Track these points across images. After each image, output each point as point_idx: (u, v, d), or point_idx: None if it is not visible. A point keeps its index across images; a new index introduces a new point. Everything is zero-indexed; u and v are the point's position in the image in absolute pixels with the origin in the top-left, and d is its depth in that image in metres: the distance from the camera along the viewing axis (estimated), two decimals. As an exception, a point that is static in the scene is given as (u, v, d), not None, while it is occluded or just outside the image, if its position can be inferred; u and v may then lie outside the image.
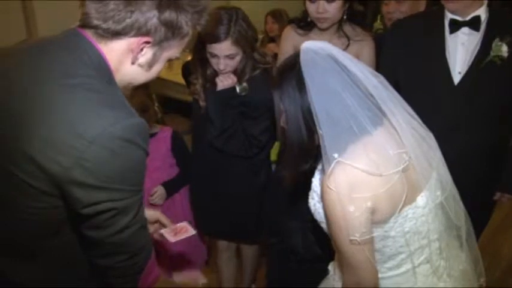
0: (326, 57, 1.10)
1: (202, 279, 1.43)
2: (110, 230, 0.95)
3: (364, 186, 1.04)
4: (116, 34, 0.94)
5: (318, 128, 1.07)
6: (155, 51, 0.99)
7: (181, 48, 1.05)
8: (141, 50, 0.97)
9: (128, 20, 0.92)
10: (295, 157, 1.16)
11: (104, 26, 0.93)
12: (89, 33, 0.96)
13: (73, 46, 0.95)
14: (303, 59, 1.10)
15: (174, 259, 2.25)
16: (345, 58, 1.11)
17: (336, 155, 1.04)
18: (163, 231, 1.43)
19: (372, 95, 1.08)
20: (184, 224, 1.51)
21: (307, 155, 1.15)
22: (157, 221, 1.43)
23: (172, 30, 0.96)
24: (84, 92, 0.90)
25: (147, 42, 0.96)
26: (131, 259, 1.02)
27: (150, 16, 0.93)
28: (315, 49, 1.10)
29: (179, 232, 1.47)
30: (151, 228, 1.40)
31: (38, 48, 0.99)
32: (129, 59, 0.98)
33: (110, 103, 0.92)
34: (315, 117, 1.07)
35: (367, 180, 1.04)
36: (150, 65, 1.02)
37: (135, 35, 0.94)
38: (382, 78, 1.12)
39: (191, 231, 1.49)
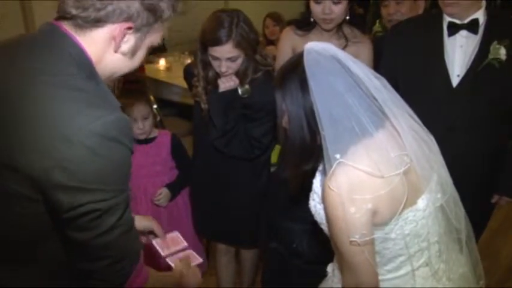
0: (329, 58, 1.10)
1: (197, 259, 1.40)
2: (95, 232, 0.91)
3: (365, 188, 1.04)
4: (97, 21, 0.91)
5: (320, 128, 1.07)
6: (138, 38, 0.96)
7: (162, 33, 1.01)
8: (124, 36, 0.94)
9: (110, 7, 0.89)
10: (297, 158, 1.16)
11: (83, 14, 0.90)
12: (67, 26, 0.93)
13: (51, 43, 0.92)
14: (307, 59, 1.09)
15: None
16: (348, 59, 1.11)
17: (337, 156, 1.04)
18: (155, 242, 1.41)
19: (374, 97, 1.08)
20: (176, 235, 1.50)
21: (309, 155, 1.14)
22: (151, 232, 1.41)
23: (154, 14, 0.94)
24: (65, 91, 0.88)
25: (129, 28, 0.93)
26: (116, 264, 0.98)
27: (133, 0, 0.90)
28: (318, 50, 1.10)
29: (171, 245, 1.45)
30: (144, 239, 1.39)
31: (16, 47, 0.95)
32: (111, 48, 0.95)
33: (91, 100, 0.88)
34: (317, 118, 1.07)
35: (368, 181, 1.04)
36: (133, 52, 0.98)
37: (117, 21, 0.91)
38: (384, 80, 1.12)
39: (183, 243, 1.48)
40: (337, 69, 1.09)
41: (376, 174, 1.04)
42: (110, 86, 1.00)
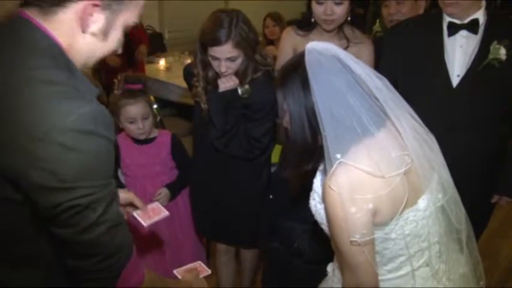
0: (331, 57, 1.09)
1: (205, 271, 1.39)
2: (77, 228, 0.88)
3: (366, 188, 1.04)
4: (60, 1, 0.87)
5: (321, 128, 1.07)
6: (107, 16, 0.91)
7: (137, 11, 0.97)
8: (91, 15, 0.89)
9: None
10: (298, 158, 1.16)
11: None
12: (31, 13, 0.89)
13: (18, 34, 0.88)
14: (308, 59, 1.09)
15: (172, 261, 2.24)
16: (349, 59, 1.11)
17: (338, 156, 1.04)
18: (135, 214, 1.37)
19: (375, 97, 1.08)
20: (156, 205, 1.45)
21: (310, 155, 1.14)
22: (130, 204, 1.36)
23: None
24: (36, 85, 0.83)
25: (96, 6, 0.89)
26: (105, 261, 0.94)
27: None
28: (319, 50, 1.10)
29: (152, 215, 1.41)
30: (123, 211, 1.32)
31: None
32: (80, 30, 0.90)
33: (63, 94, 0.84)
34: (318, 118, 1.06)
35: (369, 181, 1.04)
36: (104, 32, 0.93)
37: None
38: (386, 80, 1.12)
39: (164, 213, 1.44)
40: (338, 68, 1.08)
41: (377, 174, 1.04)
42: (86, 73, 0.95)
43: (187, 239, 2.26)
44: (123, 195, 1.34)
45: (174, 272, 1.36)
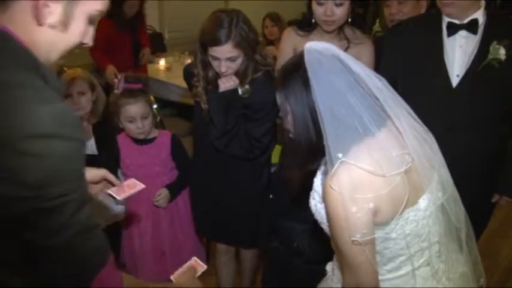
0: (331, 57, 1.09)
1: (201, 267, 1.35)
2: (45, 231, 0.83)
3: (367, 187, 1.04)
4: None
5: (322, 128, 1.06)
6: (65, 6, 0.87)
7: (99, 0, 0.92)
8: (47, 6, 0.85)
9: None
10: (303, 158, 1.15)
11: None
12: None
13: None
14: (308, 59, 1.09)
15: (172, 261, 2.24)
16: (349, 59, 1.11)
17: (340, 155, 1.04)
18: (110, 191, 1.34)
19: (375, 97, 1.08)
20: (132, 181, 1.43)
21: (315, 155, 1.13)
22: (103, 180, 1.31)
23: None
24: None
25: None
26: (75, 266, 0.89)
27: None
28: (319, 49, 1.10)
29: (127, 189, 1.38)
30: (96, 188, 1.29)
31: None
32: (36, 23, 0.86)
33: (24, 97, 0.79)
34: (319, 117, 1.06)
35: (370, 181, 1.04)
36: (64, 23, 0.88)
37: None
38: (385, 81, 1.12)
39: (139, 186, 1.40)
40: (338, 68, 1.08)
41: (378, 173, 1.04)
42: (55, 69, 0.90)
43: (187, 239, 2.26)
44: (94, 171, 1.29)
45: (171, 277, 1.34)
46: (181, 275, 1.30)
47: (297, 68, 1.12)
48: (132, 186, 1.40)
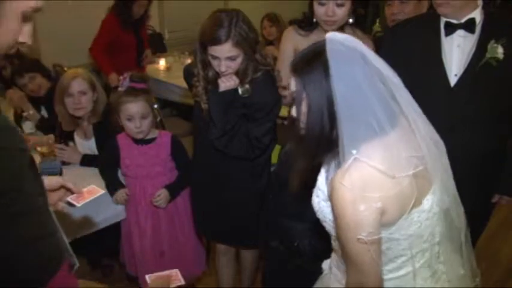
0: (352, 48, 1.07)
1: (179, 281, 1.33)
2: None
3: (377, 186, 1.03)
4: None
5: (337, 120, 1.04)
6: None
7: None
8: None
9: None
10: (314, 148, 1.12)
11: None
12: None
13: None
14: (330, 48, 1.06)
15: (172, 261, 2.24)
16: (370, 53, 1.09)
17: (354, 152, 1.03)
18: (69, 198, 1.30)
19: (393, 95, 1.07)
20: (92, 187, 1.41)
21: (326, 146, 1.11)
22: (61, 188, 1.27)
23: None
24: None
25: None
26: (18, 276, 0.86)
27: None
28: (341, 40, 1.08)
29: (87, 195, 1.35)
30: (55, 196, 1.25)
31: None
32: None
33: None
34: (335, 107, 1.04)
35: (380, 180, 1.03)
36: None
37: None
38: (400, 80, 1.10)
39: (99, 192, 1.39)
40: (359, 60, 1.06)
41: (389, 174, 1.03)
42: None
43: (187, 240, 2.26)
44: (55, 179, 1.27)
45: (146, 277, 1.32)
46: (157, 279, 1.27)
47: (318, 56, 1.09)
48: (92, 192, 1.38)
